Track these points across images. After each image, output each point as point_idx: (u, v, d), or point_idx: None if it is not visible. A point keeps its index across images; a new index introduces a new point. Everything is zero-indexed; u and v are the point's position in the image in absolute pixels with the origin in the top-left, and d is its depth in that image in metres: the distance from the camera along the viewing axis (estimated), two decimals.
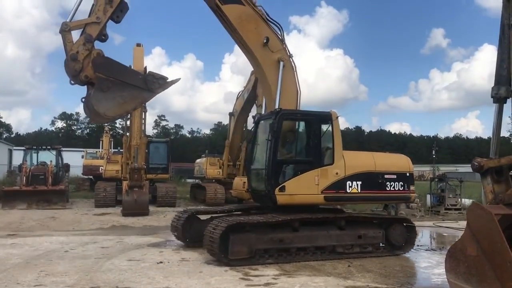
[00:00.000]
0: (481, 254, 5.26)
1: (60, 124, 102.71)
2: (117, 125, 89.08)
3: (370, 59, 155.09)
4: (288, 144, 10.50)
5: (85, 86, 9.67)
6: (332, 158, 10.08)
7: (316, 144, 10.15)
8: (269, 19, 11.77)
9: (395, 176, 10.56)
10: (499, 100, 5.98)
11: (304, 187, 9.79)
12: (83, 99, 9.72)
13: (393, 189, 10.50)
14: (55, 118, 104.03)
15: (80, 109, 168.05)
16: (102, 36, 9.90)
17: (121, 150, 26.63)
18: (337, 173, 9.98)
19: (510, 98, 5.87)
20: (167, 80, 9.72)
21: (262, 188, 10.20)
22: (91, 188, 27.79)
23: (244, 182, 11.60)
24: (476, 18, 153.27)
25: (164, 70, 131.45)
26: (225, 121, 30.65)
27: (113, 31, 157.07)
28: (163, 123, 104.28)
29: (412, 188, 10.80)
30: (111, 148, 36.98)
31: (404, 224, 10.82)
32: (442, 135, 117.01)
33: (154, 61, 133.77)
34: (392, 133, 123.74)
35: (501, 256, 4.95)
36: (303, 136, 10.67)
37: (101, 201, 21.05)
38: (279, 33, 11.82)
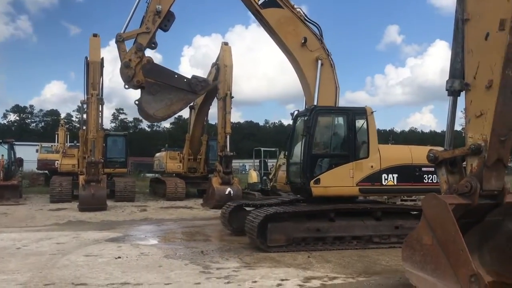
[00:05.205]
0: (436, 243, 5.40)
1: (12, 117, 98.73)
2: (74, 118, 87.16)
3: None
4: (323, 139, 10.88)
5: (139, 90, 10.59)
6: (367, 151, 10.40)
7: (350, 138, 10.45)
8: (307, 20, 12.18)
9: (433, 169, 10.55)
10: (453, 93, 6.13)
11: (339, 180, 10.15)
12: (136, 102, 10.63)
13: (431, 181, 10.46)
14: (7, 111, 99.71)
15: (33, 102, 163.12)
16: (152, 44, 10.89)
17: (77, 144, 26.03)
18: (372, 166, 10.32)
19: (464, 92, 6.02)
20: (209, 82, 10.54)
21: (298, 181, 10.59)
22: (47, 183, 27.07)
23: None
24: (429, 15, 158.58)
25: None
26: (186, 115, 30.30)
27: (69, 23, 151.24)
28: (122, 116, 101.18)
29: None
30: (67, 142, 36.06)
31: None
32: (398, 128, 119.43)
33: (112, 53, 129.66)
34: None
35: (454, 244, 5.10)
36: (337, 131, 10.94)
37: (56, 196, 20.47)
38: (318, 32, 12.16)
